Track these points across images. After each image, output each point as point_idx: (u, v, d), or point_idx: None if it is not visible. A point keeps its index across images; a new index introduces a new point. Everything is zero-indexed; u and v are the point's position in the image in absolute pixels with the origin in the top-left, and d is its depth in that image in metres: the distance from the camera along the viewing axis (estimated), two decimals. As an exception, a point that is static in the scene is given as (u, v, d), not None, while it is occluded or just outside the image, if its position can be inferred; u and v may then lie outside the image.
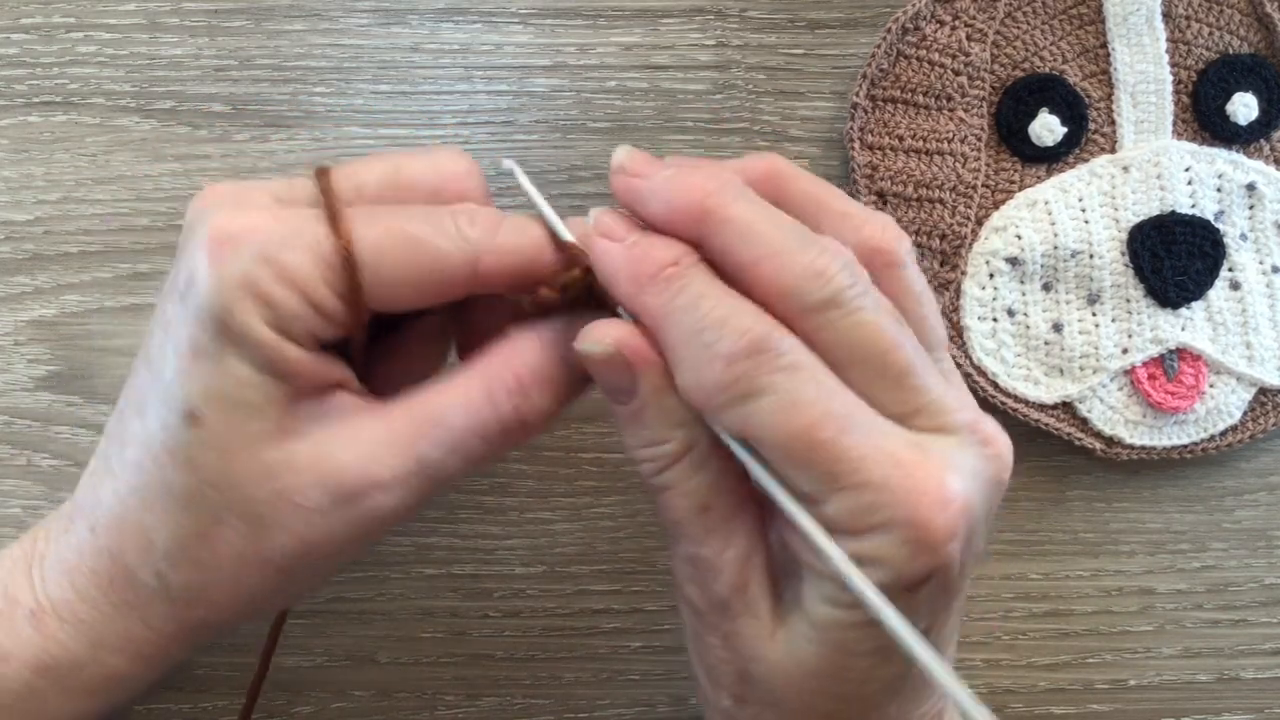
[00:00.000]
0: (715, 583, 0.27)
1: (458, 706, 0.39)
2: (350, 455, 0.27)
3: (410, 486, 0.27)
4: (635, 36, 0.40)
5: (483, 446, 0.28)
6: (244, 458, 0.27)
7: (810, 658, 0.27)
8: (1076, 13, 0.39)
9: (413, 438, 0.27)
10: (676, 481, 0.27)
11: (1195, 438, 0.39)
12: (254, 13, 0.39)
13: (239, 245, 0.26)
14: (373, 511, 0.27)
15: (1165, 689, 0.40)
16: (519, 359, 0.28)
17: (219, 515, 0.27)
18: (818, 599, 0.26)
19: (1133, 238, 0.39)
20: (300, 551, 0.27)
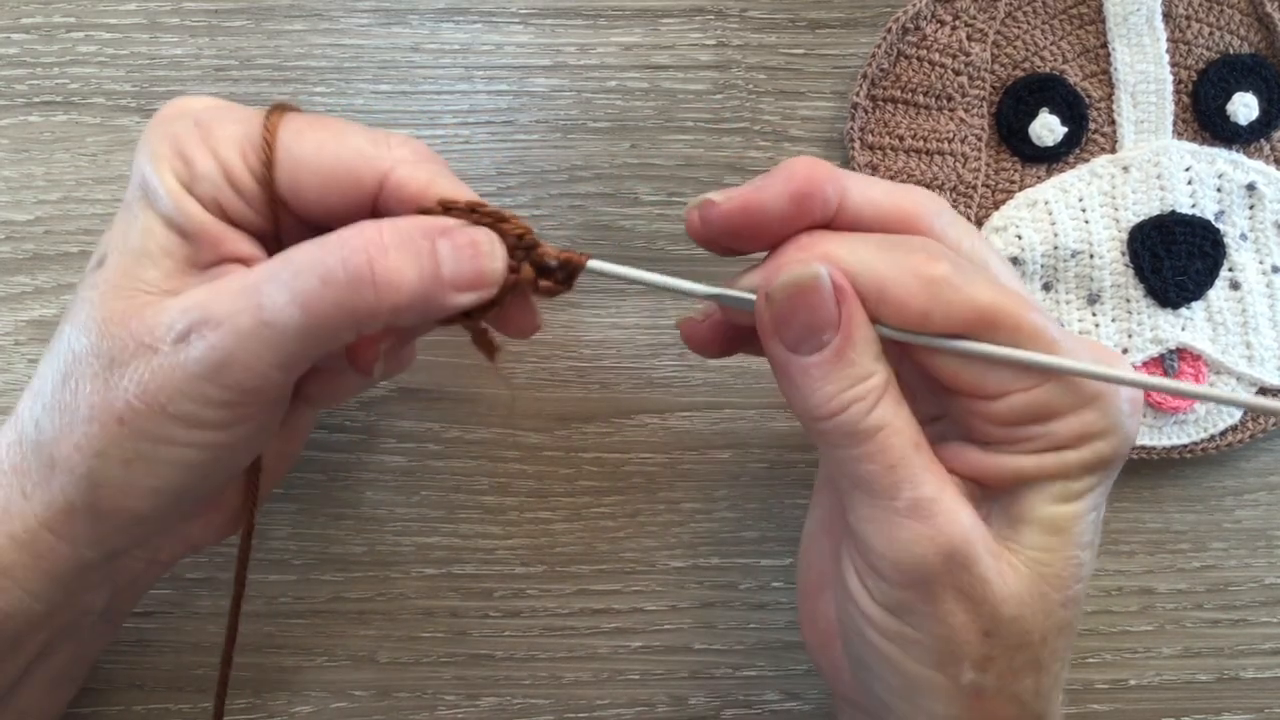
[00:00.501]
0: (948, 525, 0.27)
1: (458, 706, 0.39)
2: (197, 296, 0.27)
3: (242, 328, 0.26)
4: (635, 36, 0.40)
5: (326, 294, 0.26)
6: (122, 299, 0.27)
7: (1052, 568, 0.27)
8: (1077, 13, 0.39)
9: (256, 277, 0.27)
10: (890, 417, 0.27)
11: (1195, 438, 0.39)
12: (254, 13, 0.39)
13: (181, 113, 0.29)
14: (206, 355, 0.26)
15: (1165, 689, 0.40)
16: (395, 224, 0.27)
17: (84, 355, 0.27)
18: (1049, 501, 0.27)
19: (1133, 238, 0.39)
20: (143, 402, 0.27)
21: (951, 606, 0.27)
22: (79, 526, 0.28)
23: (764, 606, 0.39)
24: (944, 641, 0.27)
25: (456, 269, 0.27)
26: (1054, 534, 0.27)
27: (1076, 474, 0.27)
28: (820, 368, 0.27)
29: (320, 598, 0.39)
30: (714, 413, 0.39)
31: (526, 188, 0.39)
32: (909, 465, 0.27)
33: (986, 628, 0.27)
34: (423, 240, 0.27)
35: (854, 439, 0.27)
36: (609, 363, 0.39)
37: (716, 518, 0.39)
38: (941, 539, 0.26)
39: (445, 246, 0.27)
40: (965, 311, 0.26)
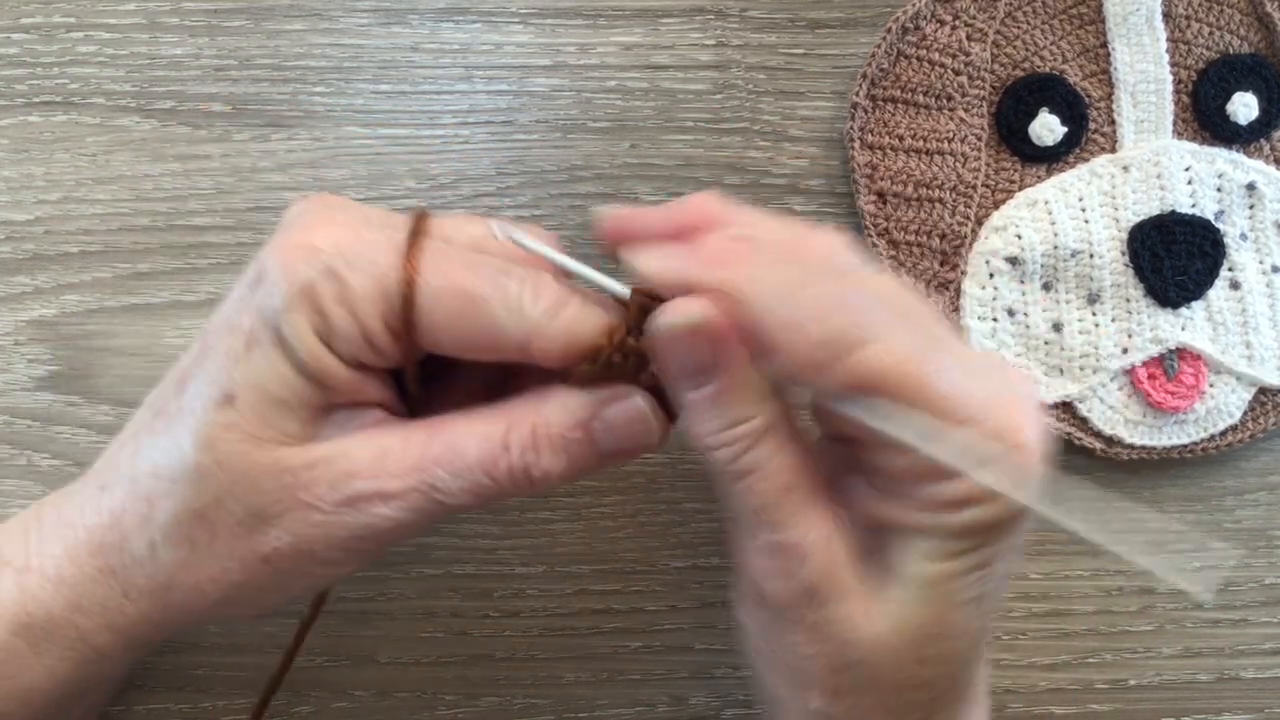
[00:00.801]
0: (802, 569, 0.27)
1: (458, 706, 0.39)
2: (364, 461, 0.27)
3: (413, 505, 0.28)
4: (635, 36, 0.40)
5: (488, 486, 0.28)
6: (263, 450, 0.27)
7: (916, 621, 0.27)
8: (1076, 12, 0.39)
9: (426, 458, 0.28)
10: (761, 462, 0.27)
11: (1195, 438, 0.39)
12: (254, 13, 0.39)
13: (313, 254, 0.27)
14: (373, 521, 0.27)
15: (1165, 689, 0.40)
16: (543, 414, 0.28)
17: (223, 500, 0.27)
18: (920, 557, 0.27)
19: (1133, 237, 0.39)
20: (293, 550, 0.28)
21: (799, 638, 0.28)
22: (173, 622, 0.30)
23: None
24: (794, 668, 0.29)
25: (613, 444, 0.29)
26: (922, 590, 0.27)
27: (954, 535, 0.26)
28: (699, 405, 0.27)
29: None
30: (714, 413, 0.39)
31: (526, 188, 0.39)
32: (775, 510, 0.27)
33: (838, 664, 0.28)
34: (578, 433, 0.28)
35: (727, 476, 0.28)
36: (609, 363, 0.39)
37: (717, 518, 0.39)
38: (794, 580, 0.27)
39: (601, 429, 0.28)
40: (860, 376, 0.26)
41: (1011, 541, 0.27)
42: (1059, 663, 0.40)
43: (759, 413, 0.27)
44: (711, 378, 0.27)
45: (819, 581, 0.27)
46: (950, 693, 0.29)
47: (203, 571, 0.28)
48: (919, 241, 0.39)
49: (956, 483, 0.26)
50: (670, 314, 0.27)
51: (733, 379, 0.27)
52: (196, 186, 0.39)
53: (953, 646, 0.28)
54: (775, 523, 0.27)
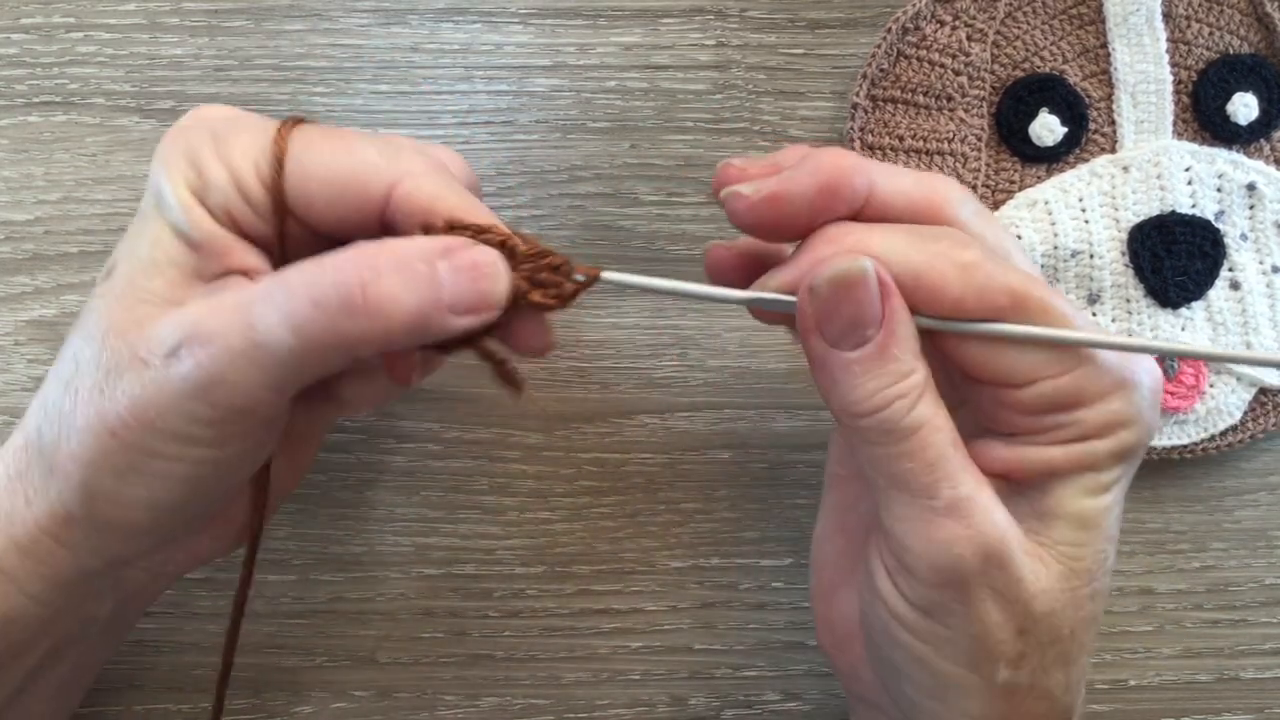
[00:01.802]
0: (986, 524, 0.26)
1: (458, 706, 0.39)
2: (192, 311, 0.26)
3: (232, 347, 0.26)
4: (635, 36, 0.40)
5: (317, 317, 0.25)
6: (125, 309, 0.27)
7: (1080, 561, 0.27)
8: (1076, 13, 0.39)
9: (252, 298, 0.26)
10: (930, 415, 0.27)
11: (1195, 438, 0.39)
12: (254, 13, 0.39)
13: (198, 122, 0.29)
14: (194, 373, 0.26)
15: (1165, 689, 0.40)
16: (393, 246, 0.26)
17: (85, 365, 0.27)
18: (1078, 495, 0.27)
19: (1133, 238, 0.39)
20: (133, 416, 0.26)
21: (988, 606, 0.27)
22: (78, 534, 0.28)
23: (764, 606, 0.39)
24: (979, 641, 0.27)
25: (456, 292, 0.26)
26: (1084, 528, 0.27)
27: (1105, 464, 0.27)
28: (862, 363, 0.26)
29: (320, 598, 0.39)
30: (714, 413, 0.39)
31: (526, 188, 0.39)
32: (948, 464, 0.27)
33: (1021, 625, 0.27)
34: (421, 264, 0.26)
35: (894, 436, 0.26)
36: (609, 363, 0.39)
37: (716, 518, 0.39)
38: (979, 539, 0.26)
39: (445, 269, 0.26)
40: (998, 296, 0.26)
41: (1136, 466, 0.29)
42: (1059, 663, 0.40)
43: (919, 366, 0.27)
44: (874, 332, 0.26)
45: (999, 540, 0.27)
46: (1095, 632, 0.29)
47: (65, 448, 0.27)
48: (919, 241, 0.39)
49: (1099, 406, 0.27)
50: (838, 264, 0.26)
51: (899, 329, 0.26)
52: (196, 186, 0.39)
53: (1102, 583, 0.28)
54: (952, 477, 0.26)
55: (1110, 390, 0.27)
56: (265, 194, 0.28)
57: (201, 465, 0.27)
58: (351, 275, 0.26)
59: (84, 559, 0.29)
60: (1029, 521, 0.28)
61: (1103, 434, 0.27)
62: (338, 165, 0.28)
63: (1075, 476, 0.27)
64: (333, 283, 0.26)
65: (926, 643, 0.28)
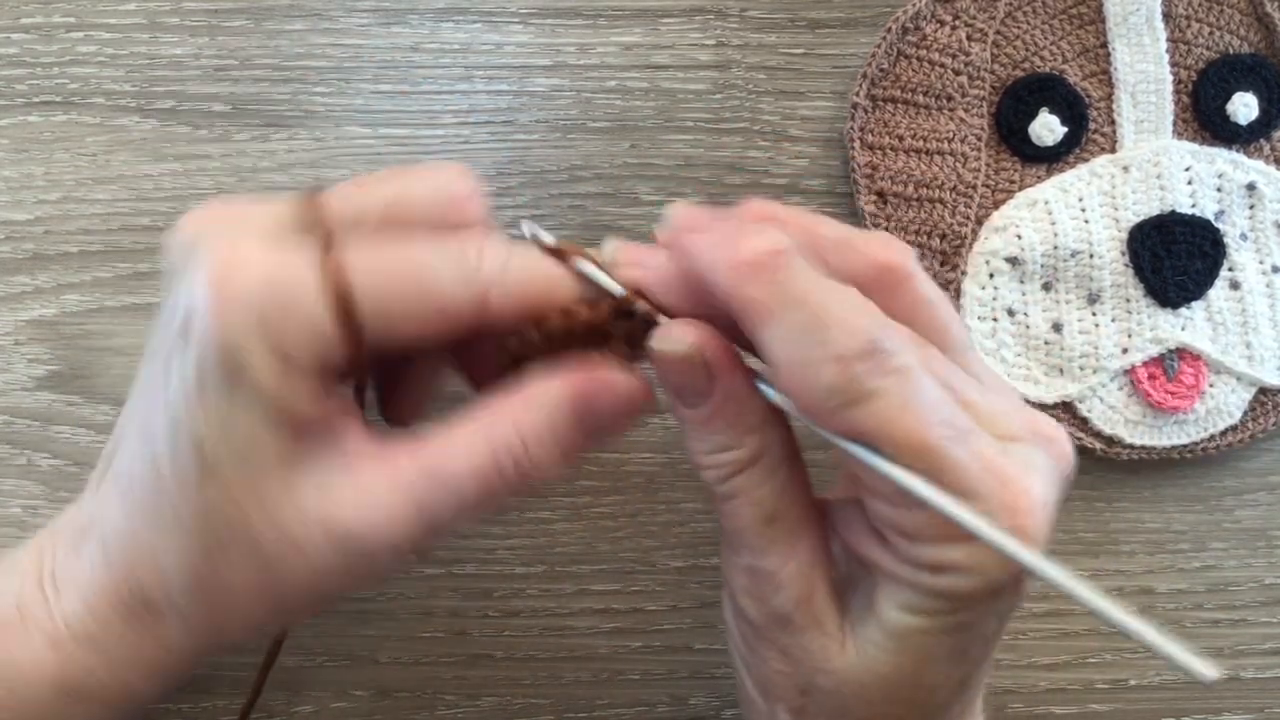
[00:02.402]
0: (776, 596, 0.27)
1: (458, 706, 0.39)
2: (354, 506, 0.27)
3: (411, 534, 0.27)
4: (635, 36, 0.40)
5: (485, 499, 0.27)
6: (252, 503, 0.26)
7: (885, 666, 0.26)
8: (1076, 12, 0.39)
9: (416, 489, 0.27)
10: (744, 490, 0.27)
11: (1195, 438, 0.39)
12: (254, 13, 0.39)
13: (241, 285, 0.25)
14: (376, 557, 0.27)
15: (1165, 689, 0.40)
16: (526, 420, 0.27)
17: (228, 551, 0.27)
18: (895, 607, 0.26)
19: (1133, 237, 0.39)
20: (307, 591, 0.27)
21: (772, 656, 0.28)
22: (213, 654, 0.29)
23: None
24: (765, 680, 0.29)
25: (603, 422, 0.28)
26: (894, 638, 0.26)
27: (928, 594, 0.26)
28: (691, 423, 0.27)
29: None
30: (714, 413, 0.39)
31: (526, 188, 0.39)
32: (753, 536, 0.27)
33: (803, 685, 0.28)
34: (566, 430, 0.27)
35: (714, 495, 0.28)
36: (609, 363, 0.39)
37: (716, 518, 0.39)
38: (767, 606, 0.27)
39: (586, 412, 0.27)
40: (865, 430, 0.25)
41: (998, 607, 0.27)
42: (1059, 663, 0.40)
43: (745, 443, 0.27)
44: (702, 402, 0.27)
45: (792, 610, 0.27)
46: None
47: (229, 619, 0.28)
48: (919, 242, 0.39)
49: (934, 548, 0.25)
50: (664, 339, 0.26)
51: (723, 406, 0.26)
52: (196, 186, 0.39)
53: (925, 694, 0.27)
54: (752, 548, 0.27)
55: (950, 538, 0.25)
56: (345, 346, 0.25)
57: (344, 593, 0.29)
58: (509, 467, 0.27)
59: None
60: (860, 605, 0.27)
61: (936, 571, 0.25)
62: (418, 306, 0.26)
63: (896, 589, 0.26)
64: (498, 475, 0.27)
65: (738, 656, 0.30)
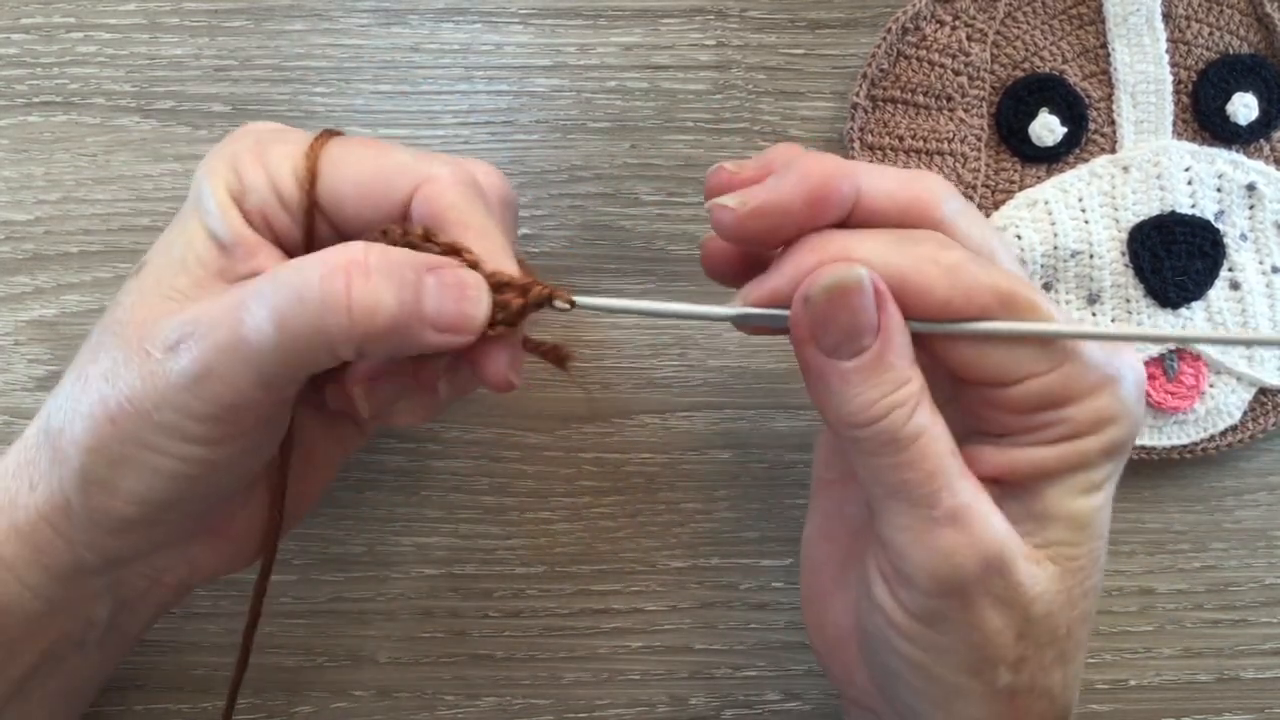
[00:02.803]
0: (985, 532, 0.26)
1: (458, 706, 0.39)
2: (192, 309, 0.27)
3: (222, 342, 0.26)
4: (635, 36, 0.40)
5: (301, 312, 0.26)
6: (147, 304, 0.28)
7: (1074, 561, 0.28)
8: (1076, 13, 0.39)
9: (246, 295, 0.26)
10: (930, 423, 0.27)
11: (1195, 438, 0.39)
12: (254, 13, 0.39)
13: (244, 133, 0.30)
14: (190, 368, 0.26)
15: (1165, 689, 0.40)
16: (385, 250, 0.27)
17: (97, 354, 0.28)
18: (1072, 496, 0.27)
19: (1133, 238, 0.39)
20: (131, 404, 0.27)
21: (989, 613, 0.27)
22: (74, 524, 0.28)
23: (764, 606, 0.39)
24: (979, 648, 0.27)
25: (440, 307, 0.26)
26: (1077, 528, 0.28)
27: (1095, 462, 0.27)
28: (860, 373, 0.26)
29: (320, 598, 0.39)
30: (714, 413, 0.39)
31: (526, 188, 0.39)
32: (947, 473, 0.26)
33: (1020, 629, 0.27)
34: (409, 272, 0.26)
35: (893, 446, 0.26)
36: (609, 363, 0.39)
37: (716, 518, 0.39)
38: (980, 546, 0.26)
39: (431, 282, 0.26)
40: (984, 295, 0.26)
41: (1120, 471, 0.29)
42: (1059, 663, 0.40)
43: (916, 375, 0.27)
44: (871, 340, 0.26)
45: (1003, 543, 0.27)
46: (1089, 628, 0.29)
47: (70, 435, 0.28)
48: (919, 241, 0.39)
49: (1087, 403, 0.27)
50: (833, 273, 0.26)
51: (895, 337, 0.26)
52: (196, 186, 0.39)
53: (1094, 581, 0.29)
54: (951, 486, 0.26)
55: (1096, 386, 0.27)
56: (301, 196, 0.28)
57: (192, 463, 0.28)
58: (337, 271, 0.26)
59: (80, 552, 0.29)
60: (1023, 524, 0.28)
61: (1091, 430, 0.27)
62: (368, 165, 0.29)
63: (1067, 477, 0.27)
64: (319, 277, 0.26)
65: (926, 651, 0.28)
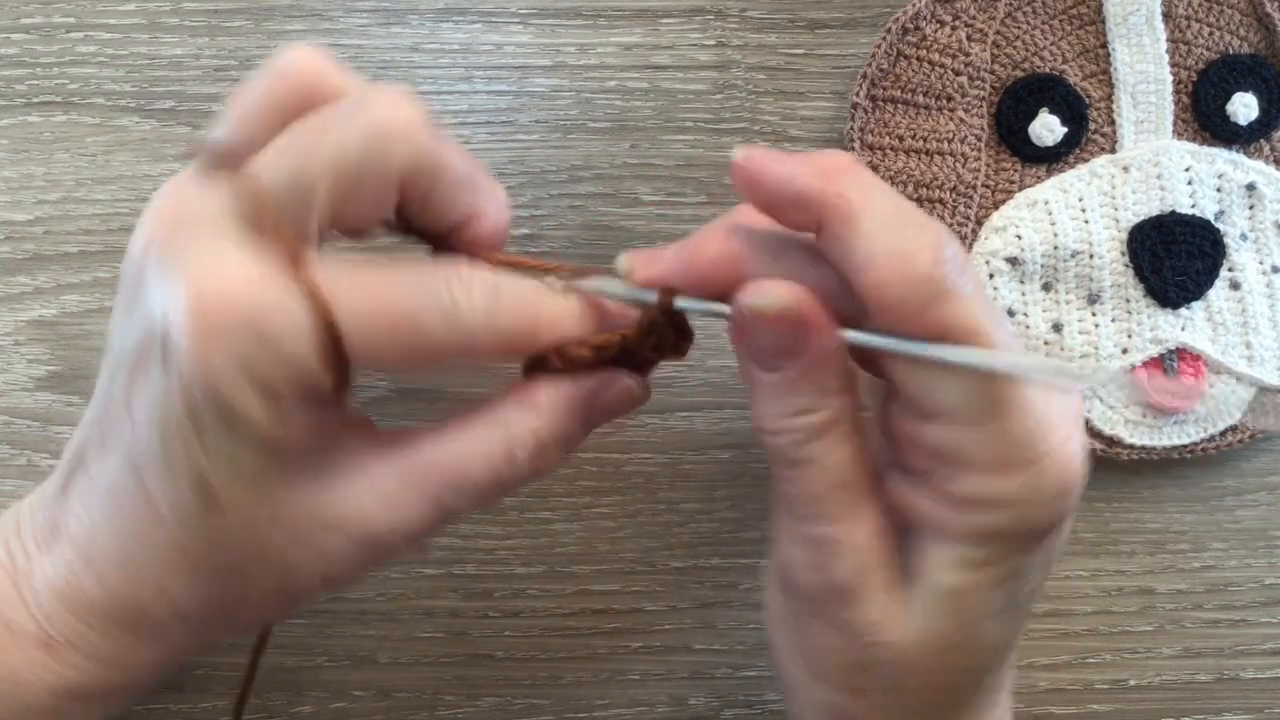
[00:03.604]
0: (838, 566, 0.27)
1: (458, 706, 0.39)
2: (374, 507, 0.27)
3: (428, 526, 0.28)
4: (635, 36, 0.40)
5: (500, 494, 0.28)
6: (266, 523, 0.26)
7: (940, 629, 0.27)
8: (1076, 13, 0.39)
9: (433, 487, 0.27)
10: (820, 455, 0.27)
11: (1195, 438, 0.39)
12: (254, 13, 0.39)
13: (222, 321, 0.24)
14: (395, 549, 0.28)
15: (1165, 689, 0.40)
16: (542, 420, 0.28)
17: (245, 571, 0.27)
18: (950, 565, 0.26)
19: (1133, 238, 0.39)
20: (323, 587, 0.28)
21: (826, 632, 0.28)
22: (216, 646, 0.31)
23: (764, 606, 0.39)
24: (815, 658, 0.28)
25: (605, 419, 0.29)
26: (945, 601, 0.26)
27: (974, 539, 0.26)
28: (771, 388, 0.27)
29: (320, 598, 0.39)
30: (714, 413, 0.39)
31: (526, 188, 0.39)
32: (822, 504, 0.27)
33: (859, 661, 0.27)
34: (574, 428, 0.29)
35: (783, 462, 0.27)
36: (609, 363, 0.39)
37: (716, 518, 0.39)
38: (827, 575, 0.27)
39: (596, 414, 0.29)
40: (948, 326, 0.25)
41: (1042, 553, 0.27)
42: (1059, 663, 0.40)
43: (827, 405, 0.27)
44: (786, 364, 0.26)
45: (852, 580, 0.27)
46: (972, 696, 0.29)
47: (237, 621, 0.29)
48: (919, 241, 0.39)
49: (982, 477, 0.25)
50: (760, 294, 0.26)
51: (807, 369, 0.26)
52: (196, 186, 0.39)
53: (976, 657, 0.28)
54: (821, 516, 0.27)
55: (1005, 463, 0.25)
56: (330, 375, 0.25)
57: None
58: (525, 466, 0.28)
59: None
60: (908, 572, 0.27)
61: (976, 506, 0.26)
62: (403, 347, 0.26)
63: (943, 547, 0.26)
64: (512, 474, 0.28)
65: (781, 639, 0.30)
